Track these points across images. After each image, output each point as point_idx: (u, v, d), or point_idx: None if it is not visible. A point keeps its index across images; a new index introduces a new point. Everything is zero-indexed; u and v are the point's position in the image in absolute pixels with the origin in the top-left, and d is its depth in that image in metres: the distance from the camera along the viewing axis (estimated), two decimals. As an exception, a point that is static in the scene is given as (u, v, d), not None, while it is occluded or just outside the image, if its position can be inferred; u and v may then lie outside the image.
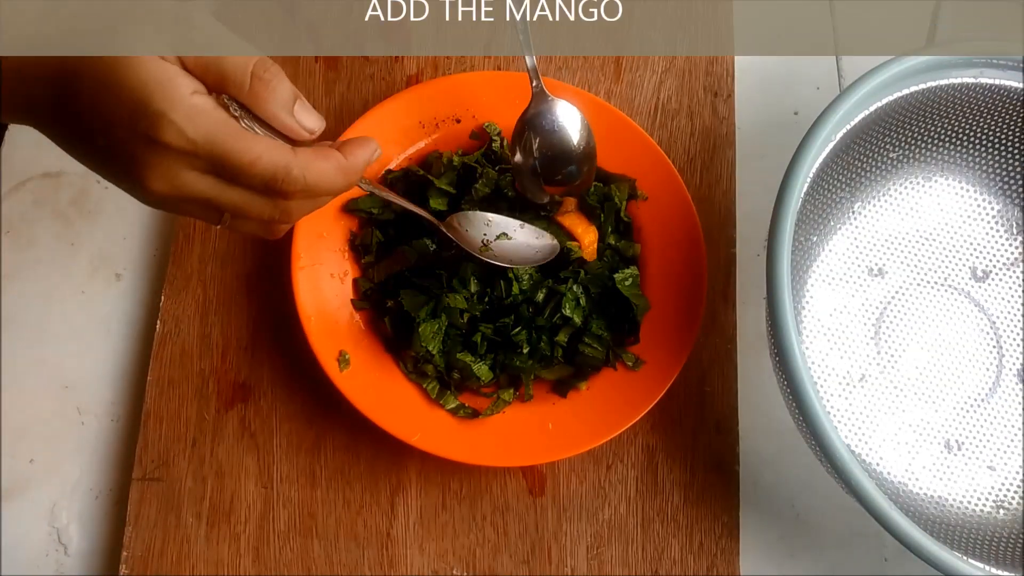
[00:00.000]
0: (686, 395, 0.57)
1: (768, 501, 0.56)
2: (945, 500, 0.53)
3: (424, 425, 0.53)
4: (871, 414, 0.55)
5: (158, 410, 0.56)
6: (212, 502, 0.54)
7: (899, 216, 0.59)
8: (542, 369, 0.55)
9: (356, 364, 0.54)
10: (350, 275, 0.57)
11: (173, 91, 0.35)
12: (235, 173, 0.37)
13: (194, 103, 0.36)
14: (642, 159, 0.58)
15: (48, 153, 0.62)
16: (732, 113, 0.63)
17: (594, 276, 0.55)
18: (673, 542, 0.54)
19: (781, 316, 0.45)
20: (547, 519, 0.55)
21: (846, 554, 0.56)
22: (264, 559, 0.54)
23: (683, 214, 0.56)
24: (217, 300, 0.58)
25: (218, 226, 0.40)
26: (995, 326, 0.58)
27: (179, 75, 0.36)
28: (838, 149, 0.52)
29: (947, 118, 0.56)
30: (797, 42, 0.67)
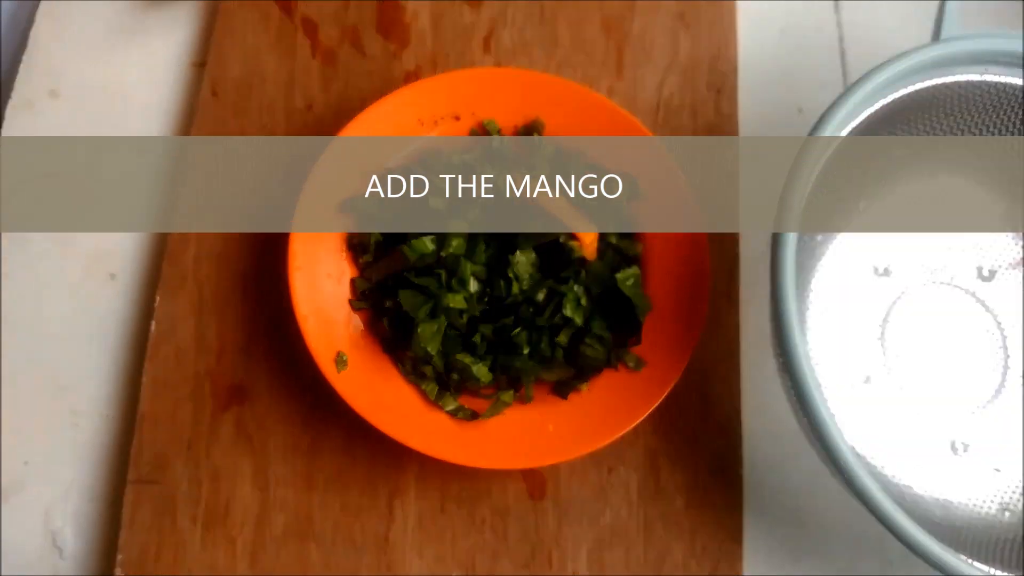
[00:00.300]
0: (688, 397, 0.56)
1: (772, 504, 0.56)
2: (950, 503, 0.53)
3: (423, 427, 0.53)
4: (876, 416, 0.55)
5: (153, 412, 0.55)
6: (208, 505, 0.54)
7: (905, 215, 0.58)
8: (542, 370, 0.55)
9: (354, 365, 0.53)
10: (348, 275, 0.56)
11: None
12: None
13: None
14: (644, 156, 0.57)
15: (45, 152, 0.62)
16: (735, 110, 0.63)
17: (595, 276, 0.55)
18: (676, 545, 0.54)
19: (785, 316, 0.45)
20: (547, 522, 0.54)
21: (851, 557, 0.55)
22: (260, 563, 0.53)
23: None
24: (212, 301, 0.58)
25: None
26: (1001, 326, 0.57)
27: None
28: (842, 147, 0.51)
29: (953, 116, 0.55)
30: (801, 39, 0.66)
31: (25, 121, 0.63)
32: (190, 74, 0.65)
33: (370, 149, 0.57)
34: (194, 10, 0.66)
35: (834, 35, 0.66)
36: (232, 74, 0.63)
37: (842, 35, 0.66)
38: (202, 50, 0.65)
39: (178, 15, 0.66)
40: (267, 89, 0.62)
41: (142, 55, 0.65)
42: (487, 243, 0.55)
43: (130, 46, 0.65)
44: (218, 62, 0.63)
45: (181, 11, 0.66)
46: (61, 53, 0.65)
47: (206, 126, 0.61)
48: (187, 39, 0.65)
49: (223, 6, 0.64)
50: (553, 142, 0.58)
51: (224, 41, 0.63)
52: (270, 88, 0.62)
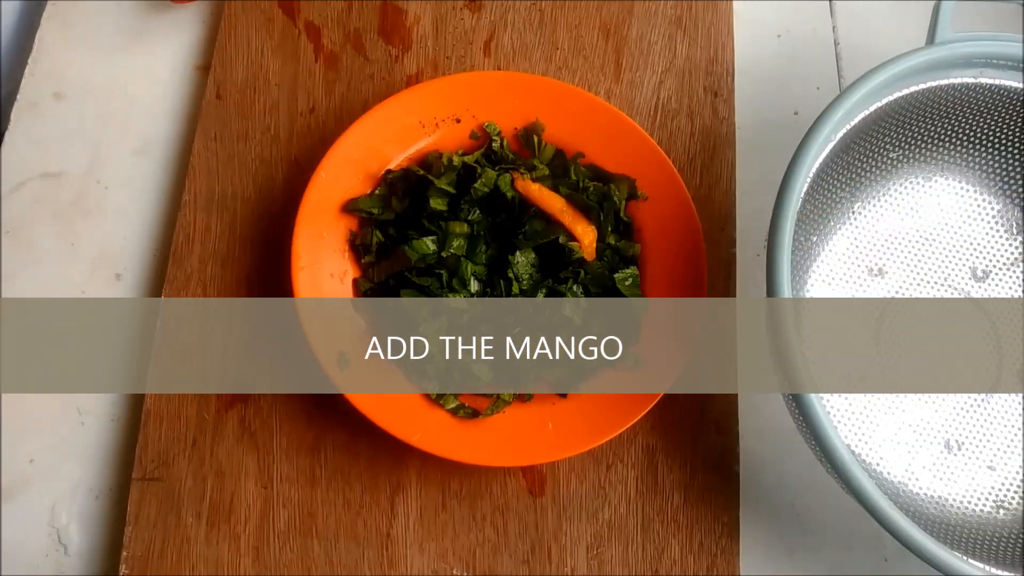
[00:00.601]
0: (686, 395, 0.57)
1: (768, 501, 0.56)
2: (945, 500, 0.53)
3: (424, 425, 0.53)
4: (871, 414, 0.55)
5: (158, 410, 0.56)
6: (212, 502, 0.54)
7: (899, 216, 0.59)
8: (542, 369, 0.55)
9: (356, 364, 0.54)
10: (350, 275, 0.57)
11: None
12: None
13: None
14: (642, 159, 0.58)
15: (48, 153, 0.63)
16: (732, 113, 0.63)
17: (594, 276, 0.55)
18: (673, 542, 0.54)
19: (781, 316, 0.45)
20: (547, 519, 0.55)
21: (846, 554, 0.56)
22: (264, 559, 0.54)
23: (683, 214, 0.56)
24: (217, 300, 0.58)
25: None
26: (995, 326, 0.58)
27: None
28: (838, 149, 0.52)
29: (947, 118, 0.56)
30: (797, 42, 0.67)
31: (30, 122, 0.63)
32: (194, 77, 0.65)
33: (372, 151, 0.58)
34: (198, 13, 0.67)
35: (830, 38, 0.66)
36: (236, 77, 0.63)
37: (838, 38, 0.66)
38: (206, 53, 0.66)
39: (182, 18, 0.67)
40: (271, 92, 0.63)
41: (146, 58, 0.65)
42: (487, 244, 0.56)
43: (135, 49, 0.66)
44: (222, 65, 0.63)
45: (185, 14, 0.67)
46: (66, 55, 0.65)
47: (210, 128, 0.62)
48: (191, 42, 0.66)
49: (227, 9, 0.65)
50: (552, 144, 0.59)
51: (228, 44, 0.64)
52: (273, 91, 0.63)
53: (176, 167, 0.63)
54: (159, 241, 0.61)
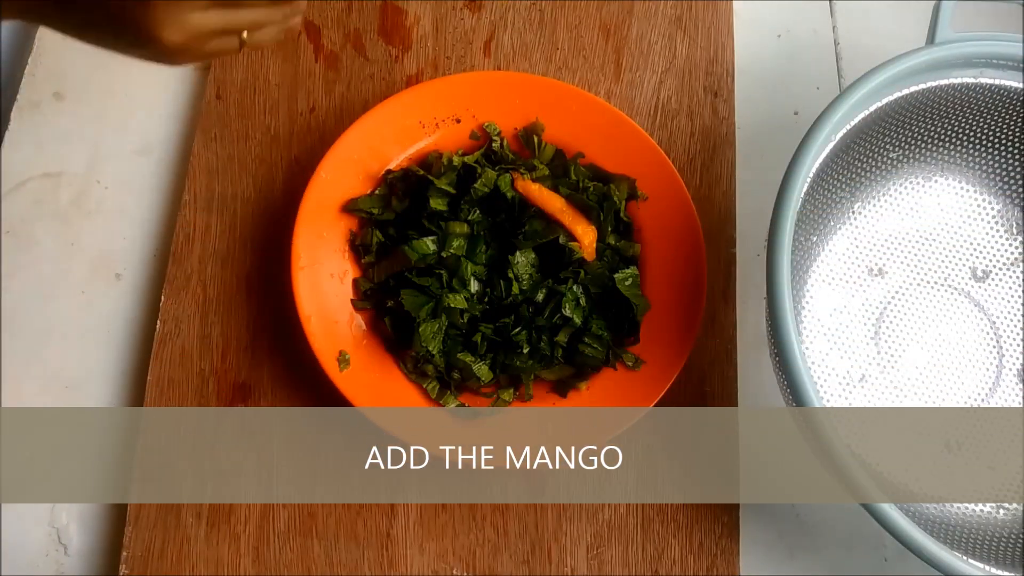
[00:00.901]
0: (686, 395, 0.57)
1: (768, 501, 0.56)
2: (945, 500, 0.53)
3: (424, 425, 0.53)
4: (871, 414, 0.55)
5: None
6: (212, 502, 0.54)
7: (899, 216, 0.59)
8: (542, 369, 0.55)
9: (356, 364, 0.54)
10: (350, 275, 0.57)
11: None
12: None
13: None
14: (642, 159, 0.58)
15: (48, 153, 0.63)
16: (732, 113, 0.63)
17: (594, 276, 0.55)
18: (673, 542, 0.54)
19: (781, 316, 0.45)
20: (547, 519, 0.55)
21: (846, 554, 0.56)
22: (264, 559, 0.54)
23: (683, 214, 0.56)
24: (217, 300, 0.58)
25: (240, 49, 0.41)
26: (995, 326, 0.58)
27: None
28: (838, 149, 0.52)
29: (947, 118, 0.56)
30: (797, 42, 0.67)
31: (30, 122, 0.63)
32: (194, 77, 0.65)
33: (372, 151, 0.58)
34: (198, 14, 0.67)
35: (829, 38, 0.66)
36: (236, 77, 0.63)
37: (838, 38, 0.66)
38: (206, 53, 0.66)
39: (182, 19, 0.67)
40: (270, 92, 0.63)
41: (147, 58, 0.65)
42: (487, 244, 0.56)
43: (135, 49, 0.66)
44: (222, 65, 0.63)
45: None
46: (66, 56, 0.65)
47: (210, 129, 0.62)
48: (191, 42, 0.66)
49: (227, 10, 0.65)
50: (552, 144, 0.59)
51: (228, 44, 0.64)
52: (273, 91, 0.63)
53: (176, 167, 0.63)
54: (159, 241, 0.61)
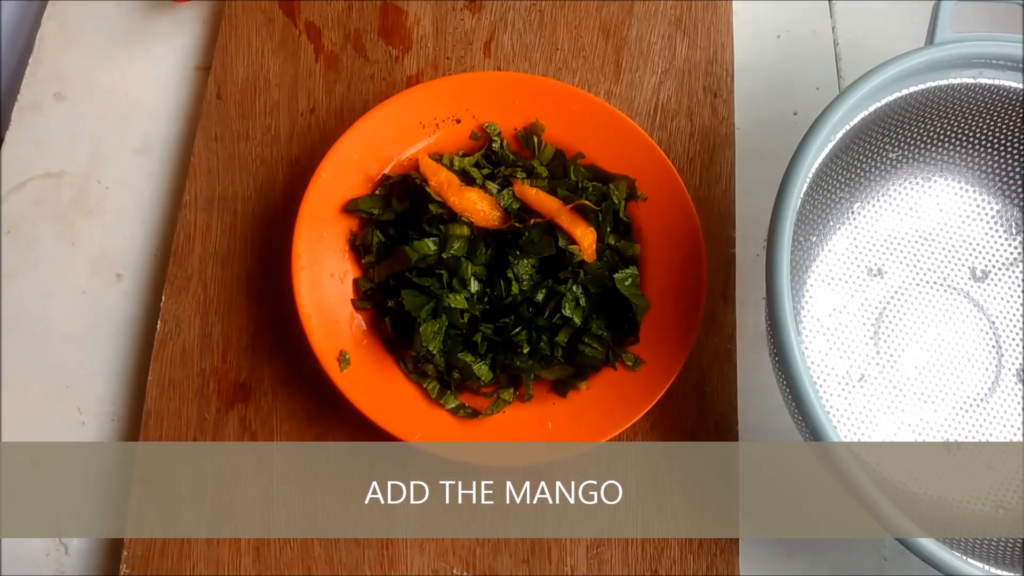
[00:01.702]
0: (686, 395, 0.57)
1: (768, 501, 0.56)
2: (944, 500, 0.53)
3: (424, 425, 0.53)
4: (871, 414, 0.55)
5: (158, 410, 0.56)
6: (212, 502, 0.54)
7: (898, 216, 0.59)
8: (542, 369, 0.55)
9: (356, 364, 0.54)
10: (350, 275, 0.57)
11: None
12: None
13: None
14: (642, 159, 0.58)
15: (48, 153, 0.63)
16: (731, 113, 0.63)
17: (594, 276, 0.55)
18: (673, 541, 0.54)
19: (780, 316, 0.45)
20: (547, 519, 0.55)
21: (846, 554, 0.56)
22: (264, 559, 0.54)
23: (683, 214, 0.56)
24: (218, 300, 0.58)
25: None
26: (994, 326, 0.58)
27: None
28: (838, 149, 0.52)
29: (946, 118, 0.56)
30: (796, 42, 0.67)
31: (31, 122, 0.63)
32: (194, 77, 0.65)
33: (372, 151, 0.58)
34: (198, 13, 0.67)
35: (829, 38, 0.66)
36: (236, 77, 0.63)
37: (837, 38, 0.66)
38: (206, 53, 0.66)
39: (182, 18, 0.67)
40: (271, 92, 0.63)
41: (147, 58, 0.66)
42: (487, 245, 0.56)
43: (135, 49, 0.66)
44: (222, 65, 0.63)
45: (185, 14, 0.67)
46: (67, 56, 0.65)
47: (210, 129, 0.62)
48: (191, 43, 0.66)
49: (227, 10, 0.65)
50: (552, 144, 0.59)
51: (228, 45, 0.64)
52: (274, 91, 0.63)
53: (176, 167, 0.63)
54: (159, 241, 0.61)
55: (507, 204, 0.56)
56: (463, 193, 0.55)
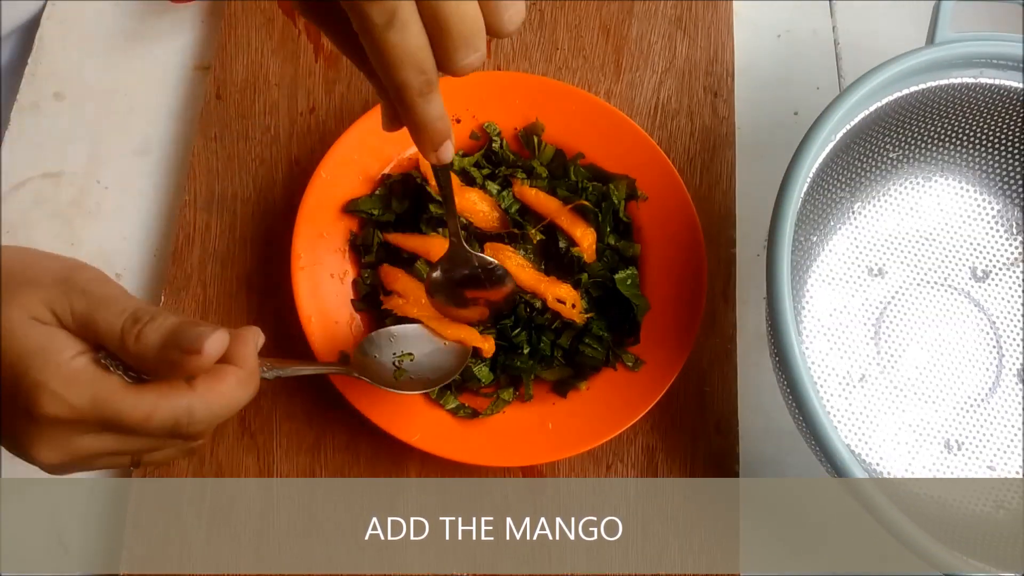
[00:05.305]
0: (686, 395, 0.57)
1: (768, 501, 0.56)
2: (945, 500, 0.53)
3: (424, 425, 0.53)
4: (871, 414, 0.55)
5: (158, 410, 0.56)
6: (212, 502, 0.54)
7: (899, 216, 0.59)
8: (542, 369, 0.55)
9: (356, 365, 0.54)
10: (350, 275, 0.57)
11: (50, 357, 0.33)
12: (132, 429, 0.34)
13: (72, 367, 0.33)
14: (642, 159, 0.58)
15: (48, 153, 0.63)
16: (732, 113, 0.63)
17: (594, 277, 0.55)
18: (673, 542, 0.54)
19: (781, 316, 0.45)
20: (546, 518, 0.55)
21: (846, 554, 0.55)
22: (264, 559, 0.54)
23: (683, 214, 0.56)
24: (217, 300, 0.58)
25: (135, 467, 0.38)
26: (995, 326, 0.58)
27: (56, 337, 0.34)
28: (838, 149, 0.52)
29: (947, 118, 0.56)
30: (797, 42, 0.67)
31: (30, 122, 0.63)
32: (194, 77, 0.65)
33: (372, 151, 0.58)
34: (198, 13, 0.67)
35: (829, 38, 0.66)
36: (236, 77, 0.63)
37: (838, 38, 0.66)
38: (206, 54, 0.66)
39: (182, 18, 0.67)
40: (271, 92, 0.63)
41: (146, 58, 0.65)
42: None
43: (135, 49, 0.66)
44: (222, 65, 0.63)
45: (185, 14, 0.67)
46: (66, 56, 0.65)
47: (210, 128, 0.62)
48: (191, 43, 0.66)
49: (227, 10, 0.65)
50: (552, 144, 0.59)
51: (228, 44, 0.64)
52: (273, 91, 0.63)
53: (176, 167, 0.63)
54: (159, 241, 0.61)
55: (507, 205, 0.56)
56: (463, 193, 0.55)
